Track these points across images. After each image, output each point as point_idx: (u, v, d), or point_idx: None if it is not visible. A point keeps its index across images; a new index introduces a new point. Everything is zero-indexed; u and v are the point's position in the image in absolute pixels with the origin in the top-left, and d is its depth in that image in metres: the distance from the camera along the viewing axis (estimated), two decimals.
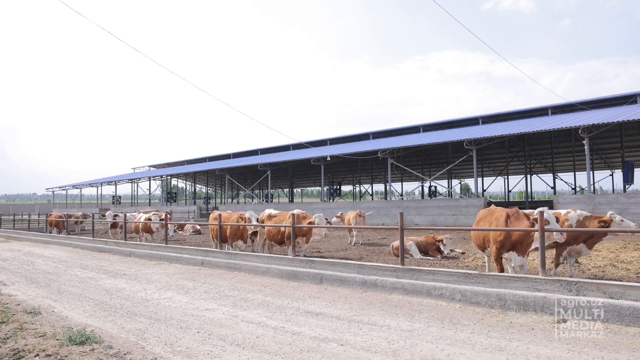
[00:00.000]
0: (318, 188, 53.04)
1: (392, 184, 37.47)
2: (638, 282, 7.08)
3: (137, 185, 53.16)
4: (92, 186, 55.81)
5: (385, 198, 43.80)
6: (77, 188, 59.00)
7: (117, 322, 6.53)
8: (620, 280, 7.49)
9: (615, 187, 37.89)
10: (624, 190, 27.51)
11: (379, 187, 55.49)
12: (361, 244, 15.60)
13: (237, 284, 9.43)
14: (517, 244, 7.58)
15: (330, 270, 9.27)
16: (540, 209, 7.27)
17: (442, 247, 12.09)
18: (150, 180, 51.97)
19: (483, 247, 8.57)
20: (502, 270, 7.88)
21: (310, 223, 11.40)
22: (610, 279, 7.79)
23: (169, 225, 17.13)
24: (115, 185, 53.25)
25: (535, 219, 7.20)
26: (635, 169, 28.06)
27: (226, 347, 5.27)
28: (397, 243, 11.63)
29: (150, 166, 63.11)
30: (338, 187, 44.95)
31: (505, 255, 7.80)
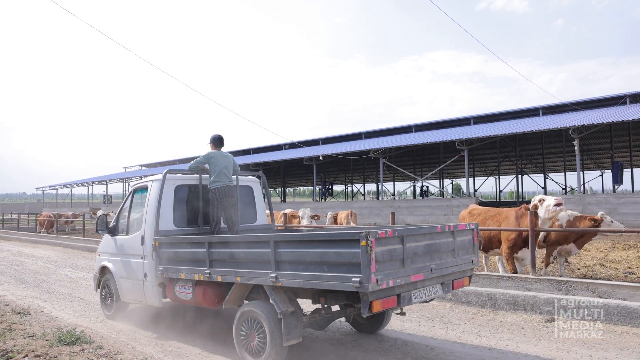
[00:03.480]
0: (310, 188, 53.13)
1: (384, 183, 37.54)
2: (626, 282, 7.16)
3: (129, 184, 52.83)
4: (83, 185, 55.35)
5: (378, 198, 43.88)
6: (67, 187, 58.48)
7: (108, 322, 6.50)
8: (609, 280, 7.57)
9: (604, 188, 38.22)
10: (614, 191, 27.78)
11: (371, 186, 55.58)
12: None
13: None
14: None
15: None
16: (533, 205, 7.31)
17: None
18: (141, 180, 51.63)
19: (487, 248, 8.28)
20: (515, 270, 7.64)
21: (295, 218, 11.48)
22: (599, 279, 7.86)
23: None
24: (107, 184, 52.86)
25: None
26: (624, 170, 28.31)
27: (217, 347, 5.27)
28: None
29: (141, 165, 62.69)
30: (330, 186, 44.97)
31: (519, 254, 7.63)
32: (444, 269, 4.52)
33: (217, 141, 6.50)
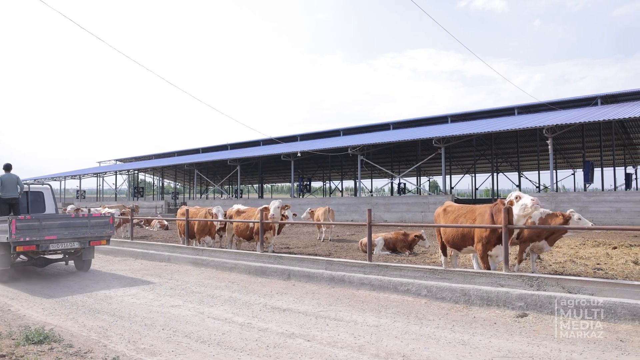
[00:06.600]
0: (288, 184, 52.93)
1: (361, 180, 37.70)
2: (595, 277, 7.35)
3: (103, 179, 51.76)
4: (55, 180, 53.98)
5: (355, 194, 44.05)
6: (38, 182, 57.01)
7: (79, 320, 6.34)
8: (579, 276, 7.76)
9: (576, 186, 39.19)
10: (585, 189, 28.50)
11: (348, 183, 55.80)
12: (330, 240, 15.65)
13: (204, 280, 9.32)
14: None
15: (298, 266, 9.26)
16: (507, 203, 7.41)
17: (421, 242, 12.38)
18: (116, 175, 50.69)
19: (460, 246, 8.18)
20: (488, 267, 7.58)
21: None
22: (569, 275, 8.06)
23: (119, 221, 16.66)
24: (80, 179, 51.71)
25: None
26: (595, 169, 29.07)
27: (191, 344, 5.20)
28: (365, 239, 11.71)
29: (116, 160, 61.58)
30: (308, 183, 44.96)
31: (493, 251, 7.53)
32: (78, 234, 9.36)
33: (6, 167, 10.65)
